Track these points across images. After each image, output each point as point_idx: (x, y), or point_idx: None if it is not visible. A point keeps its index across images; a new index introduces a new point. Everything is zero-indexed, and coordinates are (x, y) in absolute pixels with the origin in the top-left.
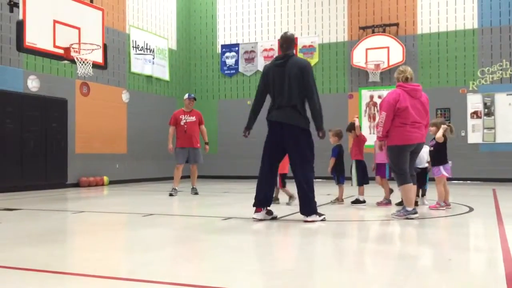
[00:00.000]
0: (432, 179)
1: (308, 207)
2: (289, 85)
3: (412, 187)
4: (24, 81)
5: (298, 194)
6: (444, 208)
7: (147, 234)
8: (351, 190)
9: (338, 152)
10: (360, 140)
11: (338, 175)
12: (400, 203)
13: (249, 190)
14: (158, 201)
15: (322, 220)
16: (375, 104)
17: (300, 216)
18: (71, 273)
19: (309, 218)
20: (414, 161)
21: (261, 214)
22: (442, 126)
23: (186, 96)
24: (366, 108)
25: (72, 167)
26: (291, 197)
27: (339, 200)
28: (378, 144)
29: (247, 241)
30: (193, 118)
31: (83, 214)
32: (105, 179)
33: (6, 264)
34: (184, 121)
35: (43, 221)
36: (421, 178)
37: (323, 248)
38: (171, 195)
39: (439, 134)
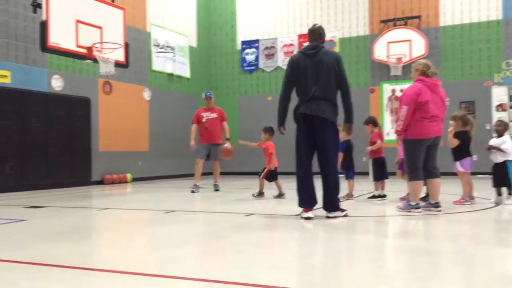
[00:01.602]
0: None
1: (332, 203)
2: (326, 76)
3: (421, 184)
4: (48, 81)
5: (323, 189)
6: (469, 202)
7: (170, 231)
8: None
9: (346, 147)
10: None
11: (347, 171)
12: (424, 198)
13: (270, 186)
14: (180, 198)
15: (344, 215)
16: (397, 98)
17: (321, 212)
18: (97, 269)
19: (331, 214)
20: (434, 155)
21: (311, 213)
22: (449, 131)
23: (203, 95)
24: (388, 102)
25: (96, 164)
26: (281, 194)
27: (348, 195)
28: (396, 138)
29: (269, 237)
30: (214, 115)
31: (108, 211)
32: (128, 176)
33: (34, 261)
34: (206, 118)
35: (68, 218)
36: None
37: (345, 244)
38: (192, 191)
39: (452, 139)
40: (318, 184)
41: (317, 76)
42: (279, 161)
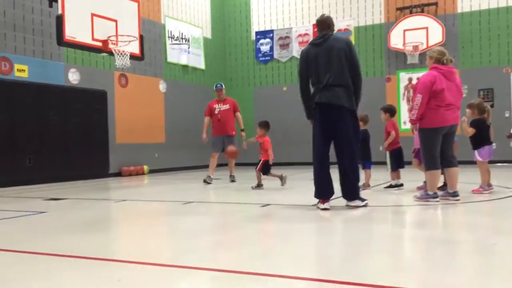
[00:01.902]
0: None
1: (352, 192)
2: (337, 61)
3: (438, 173)
4: (65, 74)
5: (343, 179)
6: (488, 191)
7: (187, 222)
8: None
9: (362, 137)
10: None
11: (364, 161)
12: (442, 187)
13: (287, 177)
14: (197, 189)
15: (364, 205)
16: (413, 86)
17: (339, 202)
18: (115, 260)
19: (351, 203)
20: (451, 143)
21: (327, 204)
22: (464, 120)
23: (214, 87)
24: (405, 91)
25: (114, 157)
26: (281, 178)
27: (365, 185)
28: (410, 127)
29: (285, 227)
30: (226, 106)
31: (126, 202)
32: (145, 168)
33: (54, 252)
34: (218, 109)
35: (87, 210)
36: None
37: (362, 234)
38: (205, 181)
39: (467, 129)
40: (335, 174)
41: (329, 62)
42: (287, 152)
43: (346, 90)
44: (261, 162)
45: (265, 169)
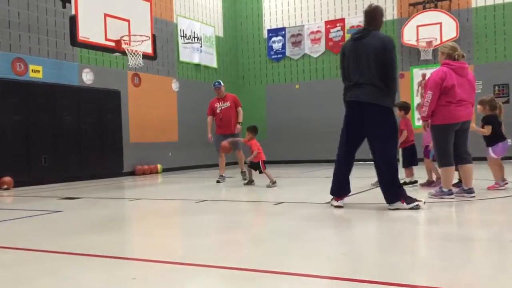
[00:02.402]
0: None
1: (389, 194)
2: (366, 60)
3: (452, 169)
4: (79, 75)
5: (380, 181)
6: (503, 187)
7: (201, 220)
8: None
9: None
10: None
11: None
12: (457, 184)
13: (300, 175)
14: (210, 187)
15: (412, 208)
16: (425, 83)
17: (351, 200)
18: (130, 258)
19: (391, 206)
20: (465, 140)
21: (341, 202)
22: (485, 127)
23: (213, 86)
24: (418, 87)
25: (128, 156)
26: (250, 181)
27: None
28: (422, 124)
29: (299, 225)
30: (227, 104)
31: (140, 201)
32: (159, 167)
33: (69, 251)
34: (220, 108)
35: (102, 209)
36: None
37: (376, 231)
38: (218, 182)
39: (483, 129)
40: (360, 172)
41: (359, 60)
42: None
43: (375, 88)
44: (260, 163)
45: (255, 167)
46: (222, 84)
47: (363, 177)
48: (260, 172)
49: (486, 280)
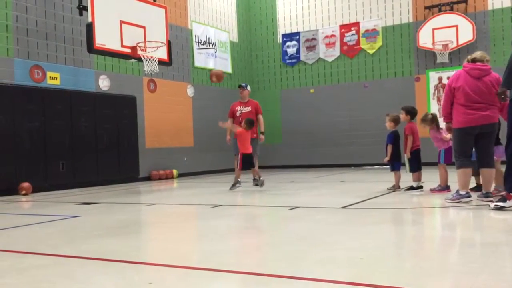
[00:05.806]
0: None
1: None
2: None
3: (469, 172)
4: (96, 81)
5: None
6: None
7: (216, 225)
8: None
9: (393, 138)
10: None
11: (393, 162)
12: (476, 188)
13: (314, 180)
14: (226, 192)
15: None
16: (444, 86)
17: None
18: (147, 263)
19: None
20: (486, 144)
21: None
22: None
23: (238, 86)
24: (435, 90)
25: (143, 161)
26: (259, 177)
27: (395, 187)
28: (446, 127)
29: (315, 230)
30: (248, 109)
31: (156, 206)
32: (175, 172)
33: (87, 255)
34: (240, 112)
35: (118, 214)
36: None
37: (393, 236)
38: (234, 186)
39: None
40: (375, 177)
41: None
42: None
43: None
44: (240, 157)
45: (245, 164)
46: (247, 87)
47: (380, 181)
48: (246, 168)
49: (506, 285)
